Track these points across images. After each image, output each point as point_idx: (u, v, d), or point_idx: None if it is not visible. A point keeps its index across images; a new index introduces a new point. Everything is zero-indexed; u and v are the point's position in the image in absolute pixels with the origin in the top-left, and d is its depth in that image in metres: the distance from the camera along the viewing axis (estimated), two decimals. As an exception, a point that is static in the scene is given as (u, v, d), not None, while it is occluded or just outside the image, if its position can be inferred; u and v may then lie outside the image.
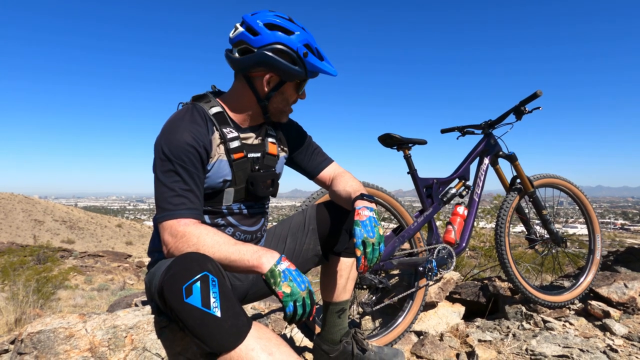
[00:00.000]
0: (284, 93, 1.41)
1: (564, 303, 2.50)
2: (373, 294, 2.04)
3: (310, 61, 1.36)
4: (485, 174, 2.47)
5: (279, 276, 1.09)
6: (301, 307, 1.09)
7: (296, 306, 1.08)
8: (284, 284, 1.08)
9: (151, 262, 1.43)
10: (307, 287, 1.12)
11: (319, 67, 1.38)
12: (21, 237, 34.68)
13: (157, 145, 1.28)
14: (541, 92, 2.25)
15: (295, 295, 1.08)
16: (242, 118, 1.43)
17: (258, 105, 1.42)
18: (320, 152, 1.68)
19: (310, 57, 1.36)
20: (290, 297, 1.08)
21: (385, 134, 2.23)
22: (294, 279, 1.10)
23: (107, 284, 10.54)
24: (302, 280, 1.11)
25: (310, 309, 1.11)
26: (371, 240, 1.27)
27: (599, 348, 1.99)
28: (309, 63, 1.36)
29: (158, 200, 1.23)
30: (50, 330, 1.19)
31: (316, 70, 1.39)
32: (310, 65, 1.36)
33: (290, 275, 1.10)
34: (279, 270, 1.09)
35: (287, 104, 1.45)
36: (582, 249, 4.29)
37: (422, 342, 2.06)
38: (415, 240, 2.24)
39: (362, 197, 1.41)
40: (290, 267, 1.12)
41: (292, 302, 1.08)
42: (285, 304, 1.08)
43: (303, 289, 1.10)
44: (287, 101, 1.44)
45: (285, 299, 1.08)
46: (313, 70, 1.39)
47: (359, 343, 1.66)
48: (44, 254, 11.98)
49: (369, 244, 1.26)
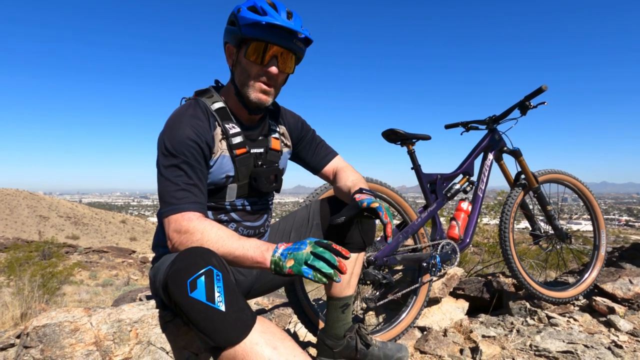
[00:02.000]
0: (240, 62, 1.34)
1: (568, 299, 2.50)
2: (377, 289, 2.04)
3: (242, 15, 1.27)
4: (490, 169, 2.45)
5: (280, 260, 1.08)
6: (316, 260, 1.05)
7: (310, 264, 1.05)
8: (287, 261, 1.07)
9: (155, 256, 1.44)
10: (310, 242, 1.09)
11: (249, 18, 1.26)
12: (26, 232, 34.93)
13: (160, 140, 1.28)
14: (546, 87, 2.23)
15: (300, 259, 1.06)
16: (243, 112, 1.42)
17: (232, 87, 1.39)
18: (324, 146, 1.67)
19: (242, 12, 1.27)
20: (297, 265, 1.05)
21: (389, 129, 2.22)
22: (292, 250, 1.09)
23: (112, 279, 10.61)
24: (301, 243, 1.10)
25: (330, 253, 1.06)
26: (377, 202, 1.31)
27: (604, 344, 1.99)
28: (240, 17, 1.27)
29: (162, 194, 1.24)
30: (56, 324, 1.20)
31: (246, 22, 1.26)
32: (241, 19, 1.27)
33: (289, 251, 1.09)
34: (277, 256, 1.09)
35: (247, 75, 1.33)
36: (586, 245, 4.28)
37: (425, 338, 2.06)
38: (419, 236, 2.24)
39: (362, 192, 1.41)
40: (287, 246, 1.11)
41: (303, 266, 1.05)
42: (299, 272, 1.05)
43: (304, 249, 1.08)
44: (245, 72, 1.33)
45: (295, 269, 1.05)
46: (244, 24, 1.27)
47: (362, 338, 1.66)
48: (49, 249, 12.06)
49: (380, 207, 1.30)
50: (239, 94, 1.37)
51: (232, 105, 1.42)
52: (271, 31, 1.26)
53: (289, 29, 1.26)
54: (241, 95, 1.36)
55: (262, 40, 1.28)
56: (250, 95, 1.34)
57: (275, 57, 1.31)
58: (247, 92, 1.35)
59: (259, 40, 1.28)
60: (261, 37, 1.27)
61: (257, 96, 1.35)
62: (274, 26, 1.25)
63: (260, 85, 1.34)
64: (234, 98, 1.41)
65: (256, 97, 1.35)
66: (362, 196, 1.36)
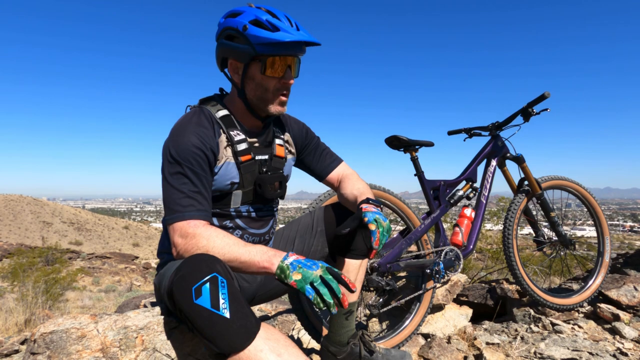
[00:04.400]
0: (253, 78, 1.34)
1: (572, 306, 2.48)
2: (380, 296, 2.04)
3: (252, 33, 1.27)
4: (493, 175, 2.46)
5: (288, 269, 1.08)
6: (322, 285, 1.04)
7: (315, 287, 1.04)
8: (294, 273, 1.07)
9: (160, 263, 1.45)
10: (322, 265, 1.09)
11: (262, 37, 1.26)
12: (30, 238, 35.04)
13: (165, 148, 1.30)
14: (549, 93, 2.24)
15: (308, 277, 1.05)
16: (246, 120, 1.44)
17: (240, 99, 1.40)
18: (329, 152, 1.68)
19: (251, 30, 1.27)
20: (303, 281, 1.05)
21: (392, 136, 2.23)
22: (303, 265, 1.08)
23: (115, 285, 10.62)
24: (313, 262, 1.09)
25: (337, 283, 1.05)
26: (383, 223, 1.29)
27: (609, 351, 1.98)
28: (251, 36, 1.27)
29: (167, 202, 1.25)
30: (63, 331, 1.21)
31: (261, 42, 1.27)
32: (253, 38, 1.27)
33: (299, 264, 1.08)
34: (286, 264, 1.09)
35: (264, 90, 1.35)
36: (590, 251, 4.26)
37: (429, 345, 2.06)
38: (422, 243, 2.24)
39: (368, 202, 1.42)
40: (299, 259, 1.10)
41: (308, 285, 1.05)
42: (302, 289, 1.05)
43: (315, 269, 1.07)
44: (261, 87, 1.35)
45: (300, 285, 1.05)
46: (258, 43, 1.27)
47: (366, 345, 1.66)
48: (52, 255, 12.10)
49: (380, 224, 1.29)
50: (252, 107, 1.39)
51: (237, 112, 1.43)
52: (288, 46, 1.29)
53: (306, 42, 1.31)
54: (256, 108, 1.39)
55: (279, 55, 1.31)
56: (270, 109, 1.38)
57: (289, 67, 1.34)
58: (266, 105, 1.37)
59: (274, 55, 1.30)
60: (278, 52, 1.29)
61: (277, 109, 1.39)
62: (292, 43, 1.28)
63: (280, 98, 1.38)
64: (239, 106, 1.42)
65: (276, 109, 1.39)
66: (368, 207, 1.36)
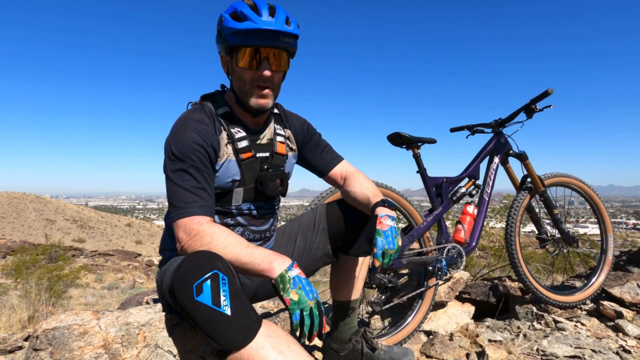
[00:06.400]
0: (235, 71, 1.34)
1: (575, 303, 2.48)
2: (382, 293, 2.04)
3: (224, 24, 1.28)
4: (496, 173, 2.45)
5: (289, 282, 1.07)
6: (308, 316, 1.06)
7: (303, 316, 1.06)
8: (292, 291, 1.07)
9: (162, 260, 1.45)
10: (316, 297, 1.09)
11: (230, 27, 1.26)
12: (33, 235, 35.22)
13: (166, 145, 1.30)
14: (552, 90, 2.23)
15: (302, 303, 1.06)
16: (248, 117, 1.43)
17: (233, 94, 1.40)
18: (330, 149, 1.67)
19: (225, 21, 1.28)
20: (297, 304, 1.06)
21: (395, 133, 2.23)
22: (303, 287, 1.08)
23: (117, 282, 10.66)
24: (311, 289, 1.10)
25: (319, 322, 1.07)
26: (390, 251, 1.30)
27: (612, 349, 1.97)
28: (224, 27, 1.29)
29: (170, 198, 1.25)
30: (65, 327, 1.21)
31: (230, 32, 1.27)
32: (225, 29, 1.28)
33: (300, 283, 1.08)
34: (289, 276, 1.08)
35: (242, 82, 1.34)
36: (593, 248, 4.24)
37: (431, 342, 2.05)
38: (424, 240, 2.23)
39: (384, 204, 1.43)
40: (301, 275, 1.10)
41: (299, 310, 1.06)
42: (292, 311, 1.06)
43: (311, 298, 1.08)
44: (240, 79, 1.33)
45: (292, 307, 1.06)
46: (228, 33, 1.27)
47: (368, 342, 1.66)
48: (55, 252, 12.13)
49: (387, 255, 1.30)
50: (239, 101, 1.38)
51: (237, 109, 1.43)
52: (255, 35, 1.26)
53: (272, 30, 1.25)
54: (241, 101, 1.38)
55: (249, 46, 1.28)
56: (249, 102, 1.35)
57: (266, 59, 1.30)
58: (246, 98, 1.35)
59: (246, 46, 1.28)
60: (246, 42, 1.27)
61: (257, 102, 1.35)
62: (255, 30, 1.24)
63: (258, 90, 1.34)
64: (232, 102, 1.43)
65: (256, 102, 1.35)
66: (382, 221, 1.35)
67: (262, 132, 1.47)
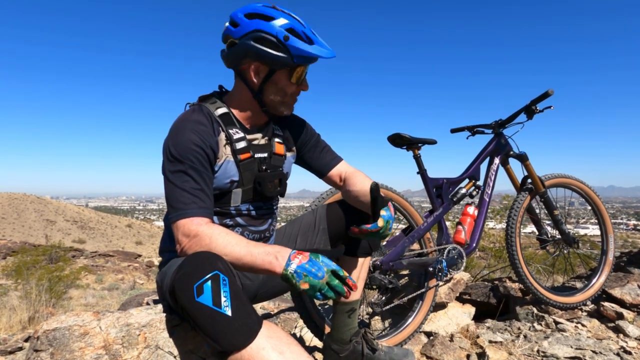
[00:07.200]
0: (277, 83, 1.37)
1: (576, 304, 2.48)
2: (382, 294, 2.04)
3: (294, 44, 1.30)
4: (496, 173, 2.45)
5: (293, 278, 1.08)
6: (329, 291, 1.08)
7: (324, 293, 1.08)
8: (301, 283, 1.08)
9: (162, 261, 1.45)
10: (329, 269, 1.10)
11: (304, 50, 1.31)
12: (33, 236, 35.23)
13: (165, 146, 1.30)
14: (552, 91, 2.23)
15: (316, 287, 1.08)
16: (247, 118, 1.44)
17: (254, 100, 1.41)
18: (329, 150, 1.67)
19: (292, 41, 1.30)
20: (312, 290, 1.08)
21: (395, 133, 2.23)
22: (309, 273, 1.08)
23: (118, 283, 10.66)
24: (318, 268, 1.09)
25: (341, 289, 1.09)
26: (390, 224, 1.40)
27: (612, 350, 1.97)
28: (292, 47, 1.30)
29: (169, 199, 1.25)
30: (66, 328, 1.21)
31: (302, 54, 1.32)
32: (294, 50, 1.31)
33: (304, 271, 1.08)
34: (290, 272, 1.08)
35: (284, 94, 1.40)
36: (594, 249, 4.24)
37: (432, 343, 2.05)
38: (425, 241, 2.23)
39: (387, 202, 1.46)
40: (302, 262, 1.10)
41: (317, 292, 1.08)
42: (312, 297, 1.09)
43: (321, 277, 1.08)
44: (282, 92, 1.39)
45: (310, 293, 1.09)
46: (298, 55, 1.32)
47: (368, 343, 1.66)
48: (55, 253, 12.13)
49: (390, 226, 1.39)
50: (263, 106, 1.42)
51: (236, 110, 1.43)
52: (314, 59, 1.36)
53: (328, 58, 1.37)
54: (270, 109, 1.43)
55: (305, 65, 1.38)
56: (284, 112, 1.44)
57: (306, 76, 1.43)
58: (279, 107, 1.43)
59: (302, 65, 1.37)
60: (305, 63, 1.36)
61: (289, 111, 1.46)
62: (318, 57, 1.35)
63: (293, 102, 1.46)
64: (244, 104, 1.42)
65: (289, 112, 1.46)
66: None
67: (261, 132, 1.47)
